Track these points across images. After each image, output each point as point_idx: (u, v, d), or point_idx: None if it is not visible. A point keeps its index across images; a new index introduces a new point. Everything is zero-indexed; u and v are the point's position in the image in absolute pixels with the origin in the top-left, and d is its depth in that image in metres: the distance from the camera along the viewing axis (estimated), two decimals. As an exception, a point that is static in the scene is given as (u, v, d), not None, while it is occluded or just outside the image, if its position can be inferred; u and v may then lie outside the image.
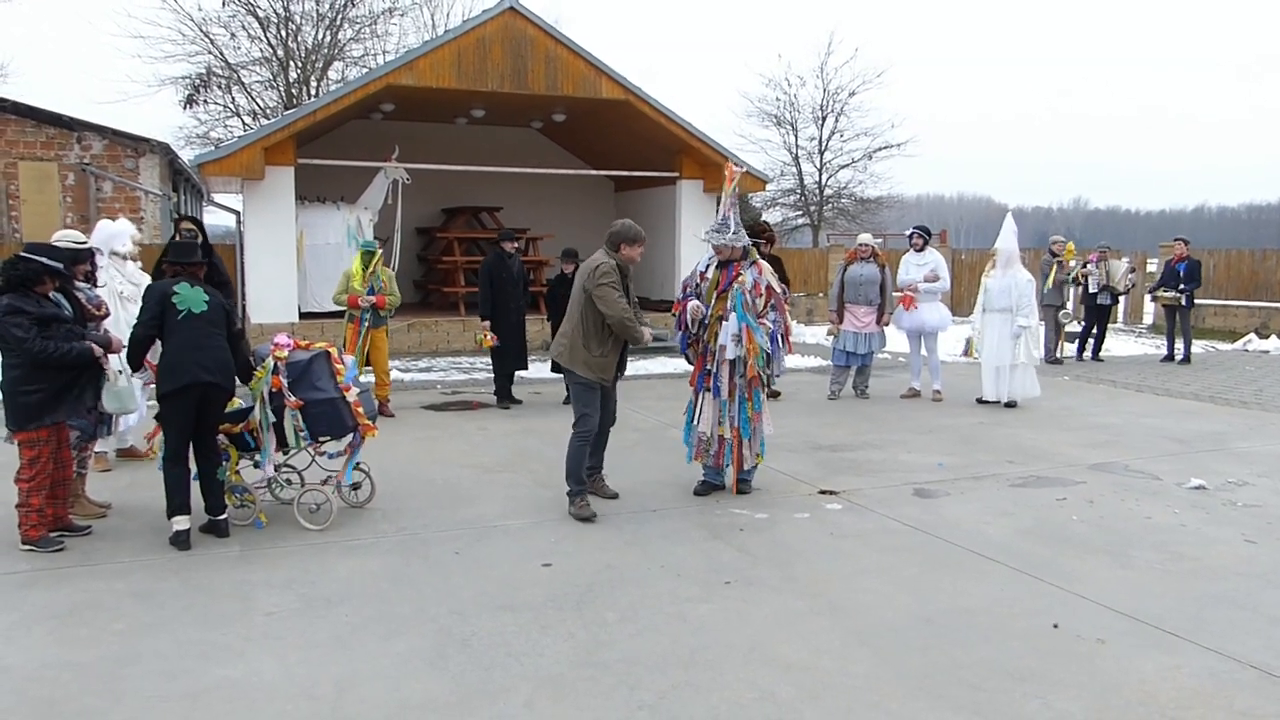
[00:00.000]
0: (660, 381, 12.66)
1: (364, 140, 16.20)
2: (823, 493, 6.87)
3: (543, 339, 13.96)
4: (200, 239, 7.51)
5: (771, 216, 34.94)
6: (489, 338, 10.20)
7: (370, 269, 9.63)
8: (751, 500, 6.66)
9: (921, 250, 11.06)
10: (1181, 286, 14.20)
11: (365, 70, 21.57)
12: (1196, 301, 15.26)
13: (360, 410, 5.98)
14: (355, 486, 6.34)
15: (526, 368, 10.80)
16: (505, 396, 10.51)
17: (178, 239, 7.64)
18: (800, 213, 35.27)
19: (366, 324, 9.65)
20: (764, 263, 6.79)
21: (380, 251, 9.89)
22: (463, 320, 15.08)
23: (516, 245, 10.71)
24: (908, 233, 11.37)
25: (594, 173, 17.64)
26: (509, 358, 10.45)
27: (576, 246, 18.14)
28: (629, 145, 16.73)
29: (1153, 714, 3.70)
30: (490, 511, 6.33)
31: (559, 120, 16.82)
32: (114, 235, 7.43)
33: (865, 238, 11.21)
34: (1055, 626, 4.51)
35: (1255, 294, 18.80)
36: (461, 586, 4.97)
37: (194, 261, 5.71)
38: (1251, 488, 7.07)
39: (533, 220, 17.77)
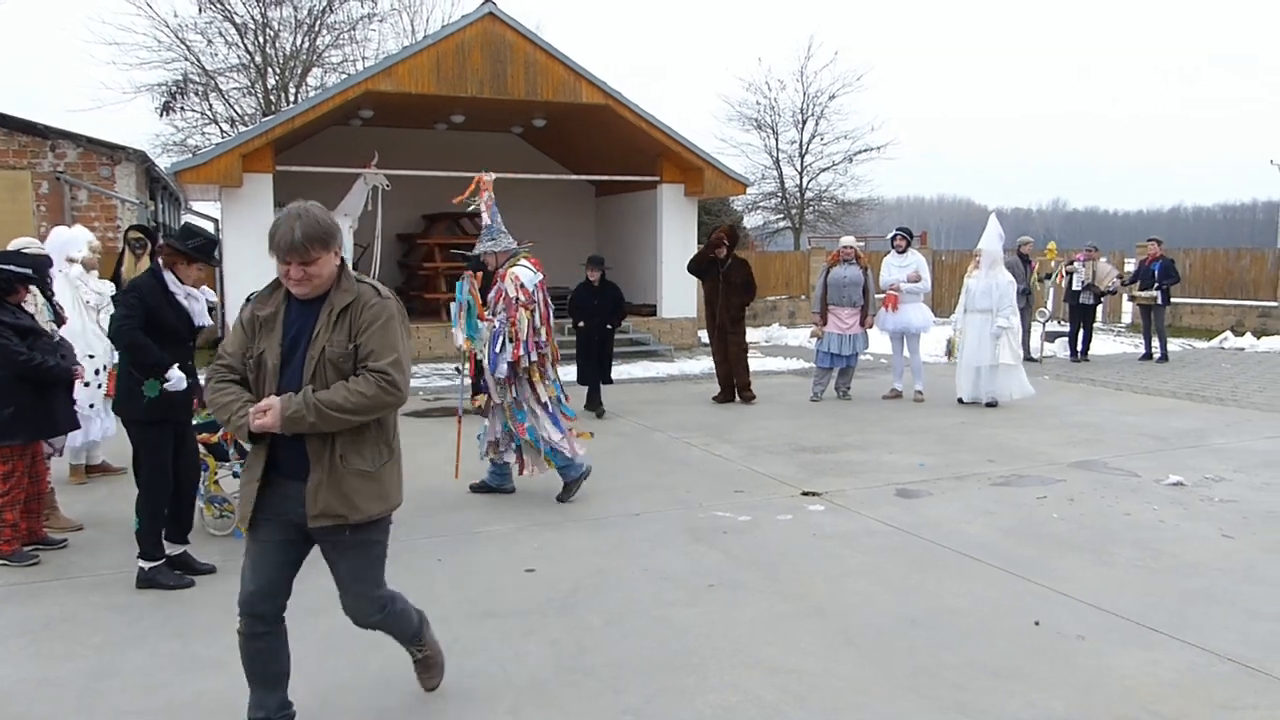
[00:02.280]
0: (643, 386, 12.67)
1: (343, 147, 16.13)
2: (805, 494, 6.88)
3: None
4: (150, 247, 7.46)
5: (753, 220, 35.06)
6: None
7: None
8: (735, 502, 6.67)
9: (904, 252, 11.11)
10: (1157, 285, 14.34)
11: (344, 77, 21.47)
12: (1174, 300, 15.40)
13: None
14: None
15: (609, 381, 10.54)
16: (594, 405, 10.33)
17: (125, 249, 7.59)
18: (781, 216, 35.38)
19: None
20: (515, 269, 6.73)
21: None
22: (444, 326, 15.02)
23: (603, 272, 10.77)
24: (890, 235, 11.44)
25: (575, 177, 17.63)
26: (589, 370, 10.37)
27: (559, 252, 18.25)
28: (609, 150, 16.74)
29: (1132, 709, 3.72)
30: (473, 518, 6.31)
31: (539, 125, 16.82)
32: (68, 242, 7.20)
33: (848, 240, 11.24)
34: (1037, 624, 4.53)
35: (1230, 292, 18.99)
36: (444, 594, 4.95)
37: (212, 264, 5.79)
38: (1228, 483, 7.13)
39: (514, 225, 17.66)
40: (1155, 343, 14.66)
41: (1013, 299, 10.29)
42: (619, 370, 13.51)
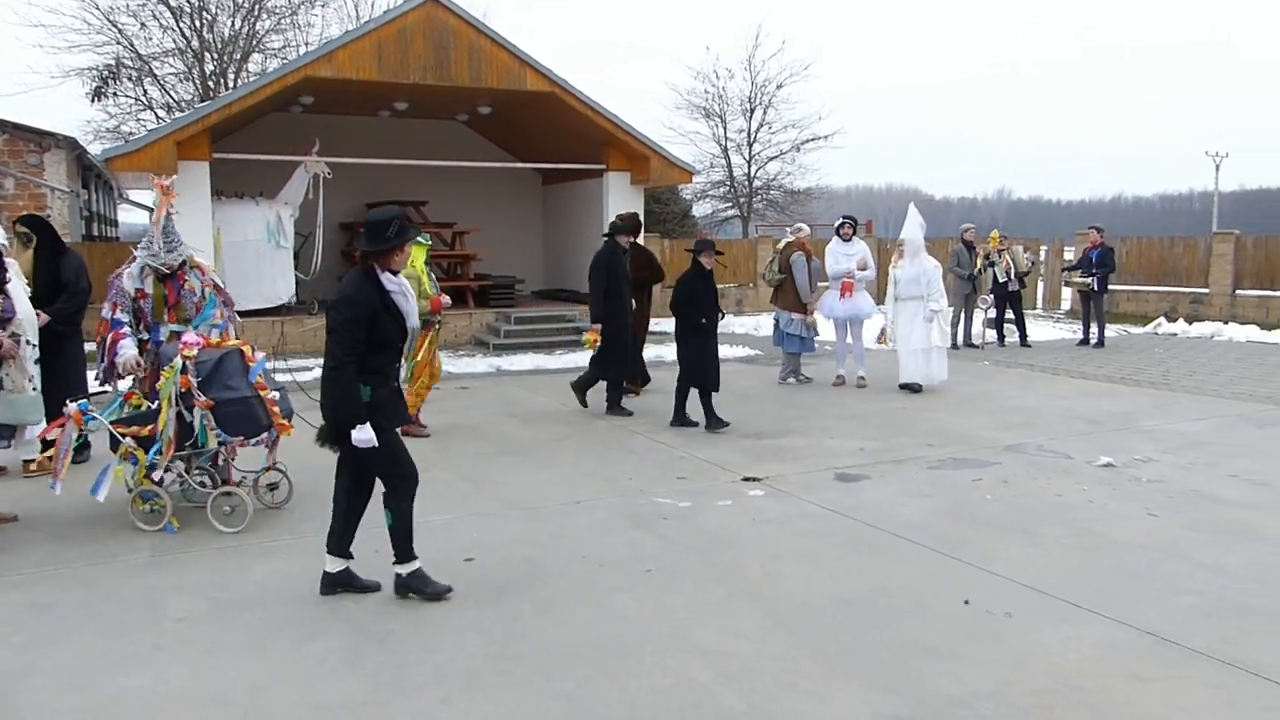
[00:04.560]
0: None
1: (283, 134, 15.85)
2: (746, 479, 6.94)
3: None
4: (35, 241, 7.25)
5: (701, 208, 35.18)
6: (594, 337, 9.22)
7: (427, 262, 8.52)
8: (676, 489, 6.70)
9: (849, 240, 11.22)
10: (1094, 271, 14.64)
11: (286, 62, 21.12)
12: (1111, 287, 15.74)
13: (276, 409, 5.87)
14: (273, 487, 6.22)
15: (626, 377, 9.72)
16: (581, 390, 9.70)
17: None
18: (730, 204, 35.54)
19: (438, 327, 8.60)
20: (203, 263, 6.48)
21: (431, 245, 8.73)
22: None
23: (629, 241, 9.65)
24: (837, 223, 11.51)
25: (520, 165, 17.53)
26: (611, 366, 9.42)
27: (505, 240, 18.17)
28: (556, 138, 16.67)
29: (1055, 683, 3.82)
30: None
31: (485, 113, 16.69)
32: None
33: (806, 228, 11.55)
34: (967, 603, 4.62)
35: (1164, 279, 19.45)
36: (379, 585, 4.91)
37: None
38: (1155, 464, 7.32)
39: (460, 214, 17.61)
40: (1093, 328, 14.98)
41: (940, 283, 10.49)
42: (563, 360, 13.51)
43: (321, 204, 14.28)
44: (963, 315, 14.68)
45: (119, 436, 5.63)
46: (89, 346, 7.33)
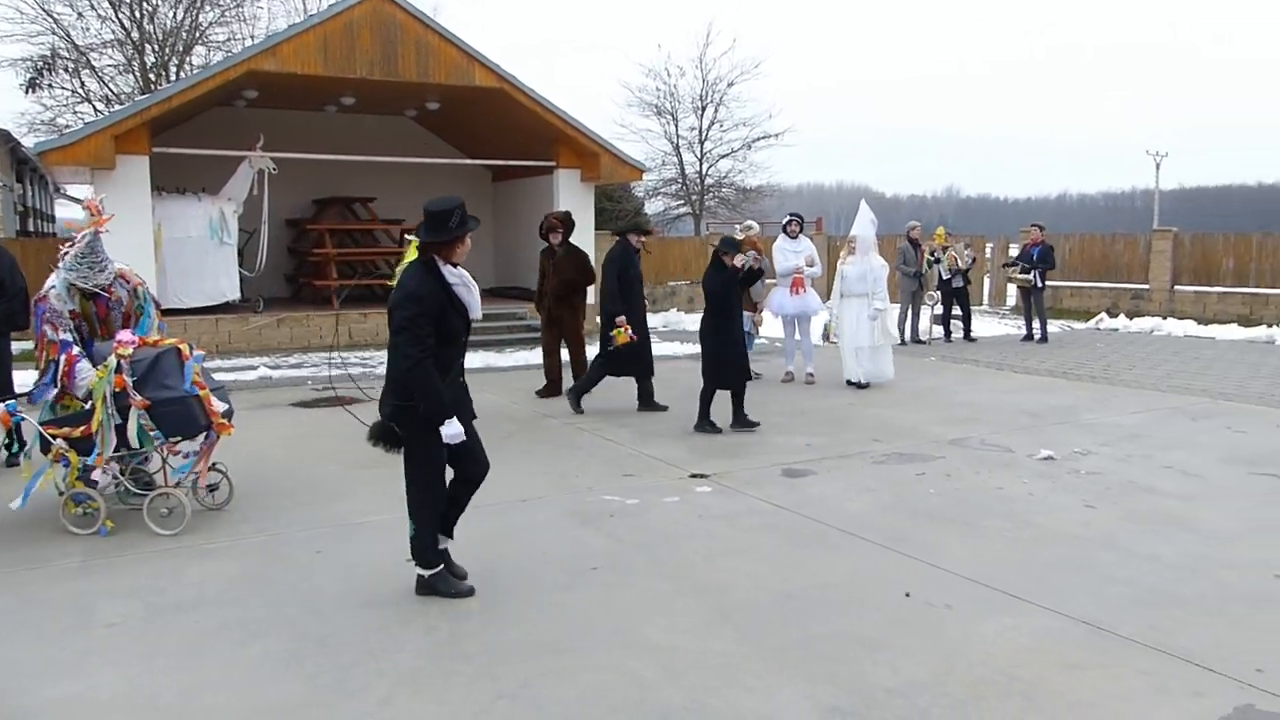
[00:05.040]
0: (537, 372, 12.55)
1: (227, 128, 15.58)
2: (693, 476, 6.96)
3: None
4: None
5: (653, 206, 35.19)
6: (626, 332, 8.94)
7: None
8: (623, 486, 6.69)
9: (796, 237, 11.30)
10: (1030, 267, 14.91)
11: (229, 55, 20.74)
12: (1055, 283, 16.04)
13: (215, 408, 5.76)
14: (212, 488, 6.12)
15: (653, 373, 9.47)
16: (575, 400, 9.40)
17: None
18: (682, 202, 35.60)
19: None
20: (124, 268, 6.30)
21: None
22: (336, 314, 14.70)
23: (642, 240, 9.50)
24: (784, 220, 11.58)
25: (469, 162, 17.40)
26: (626, 363, 9.23)
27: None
28: (505, 134, 16.57)
29: (991, 673, 3.88)
30: (356, 508, 6.19)
31: (433, 109, 16.54)
32: None
33: (756, 226, 11.64)
34: (908, 595, 4.67)
35: (1106, 275, 19.86)
36: (322, 586, 4.85)
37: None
38: (1094, 456, 7.47)
39: (408, 211, 17.41)
40: (1036, 324, 15.25)
41: (885, 282, 10.62)
42: (513, 358, 13.45)
43: (266, 200, 14.07)
44: (909, 312, 14.88)
45: (49, 439, 5.49)
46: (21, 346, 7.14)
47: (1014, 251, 20.57)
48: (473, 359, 13.10)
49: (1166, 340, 15.57)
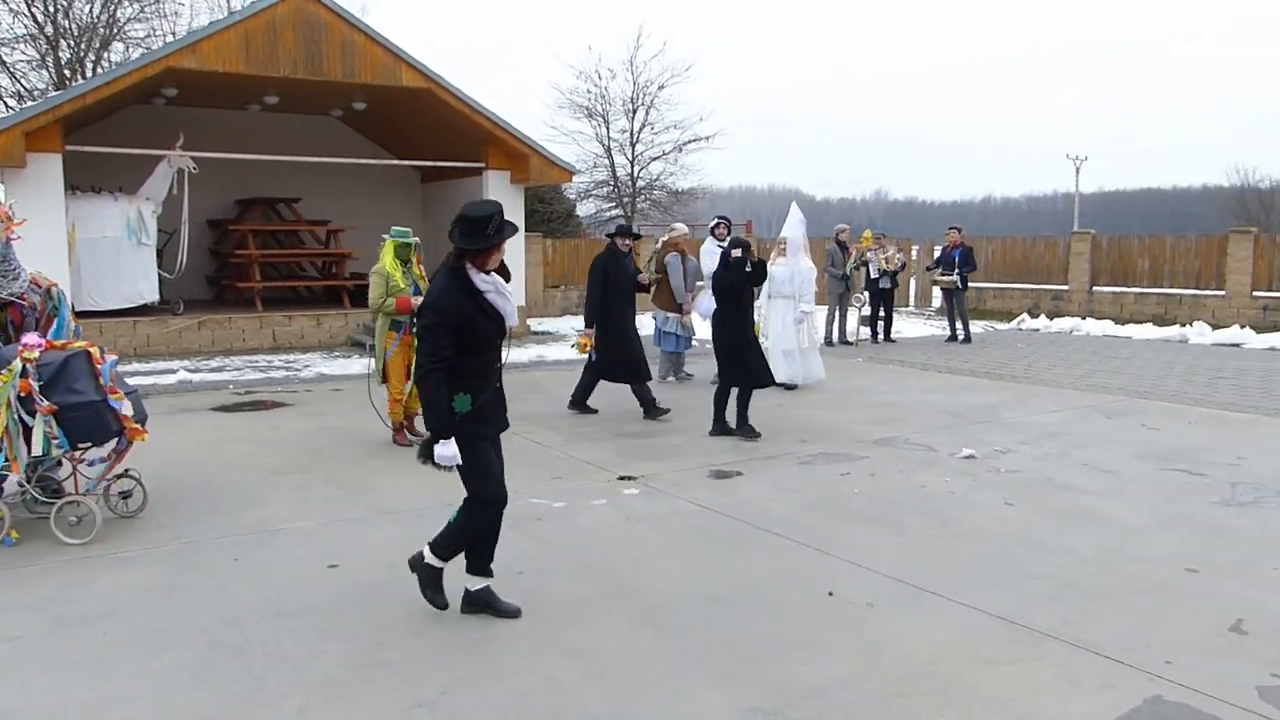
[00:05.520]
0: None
1: (146, 127, 15.15)
2: (621, 479, 6.94)
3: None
4: None
5: (585, 208, 35.13)
6: (587, 342, 8.86)
7: (410, 262, 7.94)
8: (551, 489, 6.65)
9: (724, 239, 11.36)
10: (956, 270, 15.24)
11: (147, 52, 20.16)
12: (978, 285, 16.41)
13: (127, 413, 5.58)
14: (125, 495, 5.92)
15: (649, 377, 9.30)
16: (579, 403, 9.35)
17: None
18: (614, 204, 35.58)
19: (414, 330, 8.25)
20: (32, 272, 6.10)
21: (418, 241, 8.21)
22: (259, 317, 14.38)
23: (629, 244, 9.36)
24: (711, 223, 11.64)
25: (397, 163, 17.17)
26: (617, 368, 9.12)
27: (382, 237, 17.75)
28: (434, 135, 16.39)
29: (910, 669, 3.93)
30: (276, 514, 6.05)
31: (360, 109, 16.28)
32: None
33: (684, 228, 11.66)
34: (830, 594, 4.72)
35: (1028, 277, 20.38)
36: (238, 594, 4.73)
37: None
38: (1014, 455, 7.64)
39: (335, 212, 17.16)
40: (959, 325, 15.58)
41: (813, 286, 10.75)
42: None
43: (187, 200, 13.72)
44: (836, 313, 15.09)
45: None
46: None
47: (938, 254, 21.03)
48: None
49: (1086, 340, 16.03)
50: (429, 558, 4.53)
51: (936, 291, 21.37)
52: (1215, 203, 56.30)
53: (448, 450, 4.23)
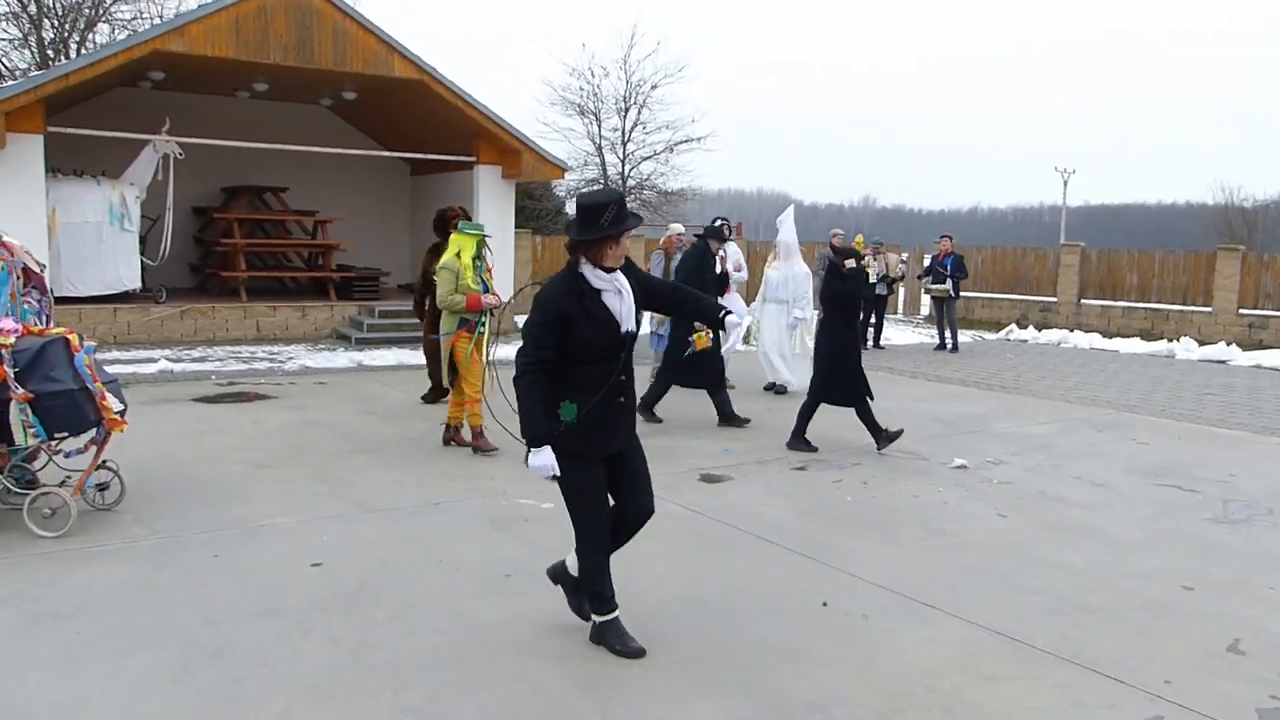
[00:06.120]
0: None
1: (131, 110, 14.92)
2: (611, 480, 6.83)
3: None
4: None
5: (574, 206, 34.98)
6: (706, 335, 7.86)
7: (479, 256, 7.49)
8: (539, 491, 6.52)
9: (724, 241, 11.26)
10: (945, 275, 15.22)
11: (134, 34, 19.89)
12: (967, 294, 16.41)
13: (107, 403, 5.43)
14: (102, 487, 5.77)
15: (723, 385, 9.07)
16: (648, 409, 8.85)
17: None
18: (604, 203, 35.41)
19: (483, 331, 7.50)
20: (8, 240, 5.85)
21: (489, 236, 7.79)
22: (243, 307, 14.18)
23: (720, 247, 9.14)
24: (717, 224, 11.46)
25: (386, 154, 17.00)
26: (695, 373, 8.78)
27: (370, 231, 17.58)
28: (425, 127, 16.23)
29: (909, 683, 3.85)
30: (258, 510, 5.91)
31: (350, 99, 16.10)
32: None
33: (680, 228, 11.55)
34: (825, 604, 4.63)
35: (1017, 288, 20.41)
36: (218, 592, 4.59)
37: None
38: (1006, 466, 7.59)
39: (322, 202, 16.95)
40: (949, 334, 15.55)
41: (809, 291, 10.65)
42: (406, 354, 13.12)
43: (172, 186, 13.50)
44: (827, 318, 15.02)
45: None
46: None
47: (926, 262, 21.05)
48: (385, 356, 12.79)
49: (1074, 352, 16.04)
50: (595, 617, 4.16)
51: (925, 299, 21.40)
52: (1199, 220, 56.72)
53: (539, 460, 3.85)
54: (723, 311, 4.11)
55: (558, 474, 3.89)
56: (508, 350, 7.28)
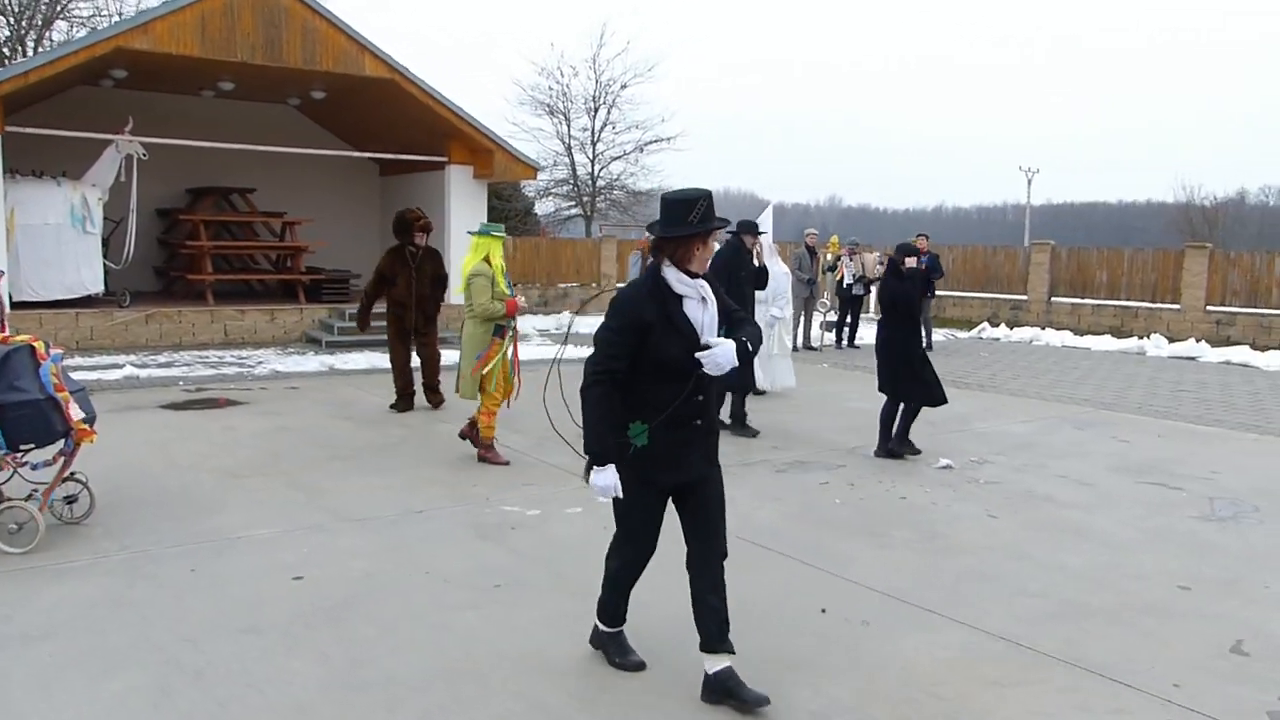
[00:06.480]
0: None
1: (93, 109, 14.57)
2: (596, 485, 6.71)
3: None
4: None
5: (544, 206, 34.83)
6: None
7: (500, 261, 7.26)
8: (524, 497, 6.40)
9: (757, 235, 11.13)
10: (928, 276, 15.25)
11: (95, 31, 19.47)
12: (939, 293, 16.44)
13: (73, 413, 5.22)
14: (70, 500, 5.56)
15: (752, 388, 8.84)
16: (740, 422, 8.44)
17: None
18: (573, 203, 35.35)
19: (512, 334, 7.30)
20: None
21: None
22: (210, 310, 13.88)
23: (755, 241, 8.66)
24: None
25: (356, 154, 16.75)
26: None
27: (340, 232, 17.31)
28: (396, 127, 16.00)
29: (913, 692, 3.76)
30: (234, 521, 5.72)
31: (319, 98, 15.84)
32: None
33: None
34: (823, 611, 4.54)
35: (988, 286, 20.50)
36: (195, 609, 4.41)
37: None
38: (991, 465, 7.55)
39: (290, 204, 16.67)
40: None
41: (787, 290, 10.55)
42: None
43: (135, 187, 13.19)
44: (802, 318, 15.00)
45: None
46: None
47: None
48: (357, 359, 12.57)
49: (1046, 350, 16.13)
50: (599, 625, 3.99)
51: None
52: (1160, 218, 57.55)
53: (602, 479, 3.52)
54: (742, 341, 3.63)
55: (620, 495, 3.58)
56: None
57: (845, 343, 15.57)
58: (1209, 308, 17.05)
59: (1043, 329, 18.04)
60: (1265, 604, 4.78)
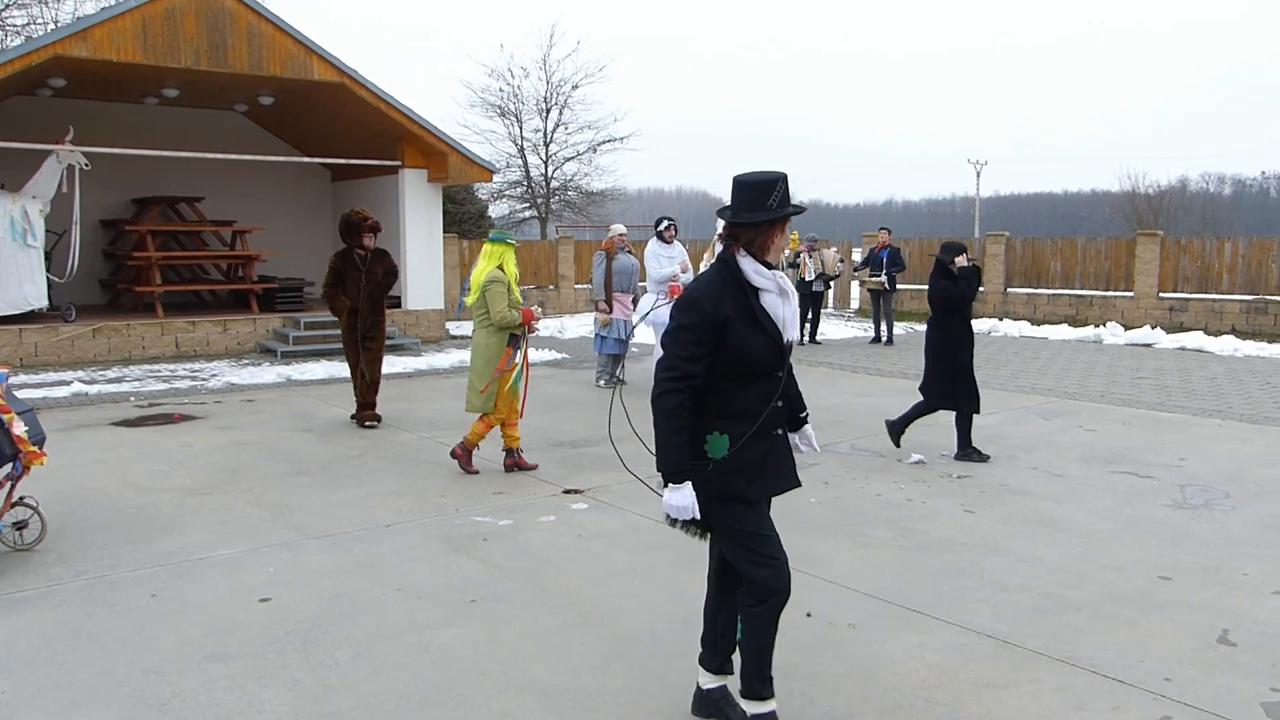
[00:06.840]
0: (389, 382, 11.89)
1: (31, 120, 14.12)
2: (567, 492, 6.59)
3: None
4: None
5: (498, 209, 34.57)
6: None
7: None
8: (495, 505, 6.26)
9: (670, 242, 11.07)
10: (885, 271, 15.30)
11: (30, 39, 18.91)
12: (899, 286, 16.52)
13: (22, 435, 4.99)
14: (20, 525, 5.31)
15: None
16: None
17: None
18: (528, 205, 35.12)
19: (524, 346, 7.18)
20: None
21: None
22: (160, 323, 13.52)
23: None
24: (661, 225, 11.15)
25: (306, 160, 16.43)
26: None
27: (292, 240, 16.98)
28: (347, 132, 15.72)
29: (907, 696, 3.69)
30: (195, 542, 5.51)
31: (267, 103, 15.51)
32: None
33: (622, 228, 11.41)
34: (809, 615, 4.46)
35: (943, 278, 20.65)
36: (158, 637, 4.22)
37: None
38: (962, 460, 7.54)
39: (240, 212, 16.32)
40: (884, 326, 15.63)
41: None
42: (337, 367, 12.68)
43: (78, 198, 12.79)
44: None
45: None
46: None
47: (857, 256, 21.18)
48: (314, 369, 12.30)
49: (1005, 341, 16.26)
50: (748, 710, 3.34)
51: (855, 292, 21.56)
52: (1105, 206, 58.57)
53: (678, 499, 3.15)
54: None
55: (698, 517, 3.20)
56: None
57: (807, 339, 15.57)
58: (1161, 295, 17.33)
59: (1000, 320, 18.22)
60: (1246, 591, 4.78)
